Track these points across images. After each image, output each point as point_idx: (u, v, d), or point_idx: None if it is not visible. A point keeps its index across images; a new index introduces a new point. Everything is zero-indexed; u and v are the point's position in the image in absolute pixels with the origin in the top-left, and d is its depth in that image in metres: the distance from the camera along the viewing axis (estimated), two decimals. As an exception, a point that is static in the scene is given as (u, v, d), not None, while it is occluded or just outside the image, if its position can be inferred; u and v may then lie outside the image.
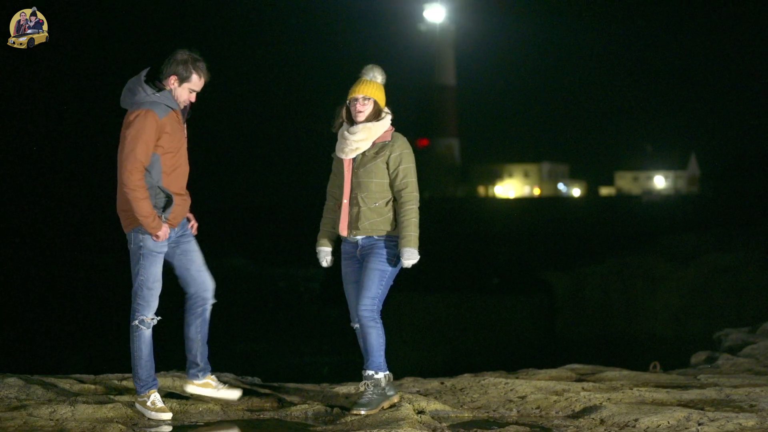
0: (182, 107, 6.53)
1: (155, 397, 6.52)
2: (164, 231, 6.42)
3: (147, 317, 6.51)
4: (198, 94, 6.58)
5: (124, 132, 6.34)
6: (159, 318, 6.60)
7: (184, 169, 6.55)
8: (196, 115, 6.70)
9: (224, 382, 6.99)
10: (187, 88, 6.48)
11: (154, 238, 6.41)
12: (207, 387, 6.76)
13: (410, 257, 6.51)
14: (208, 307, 6.73)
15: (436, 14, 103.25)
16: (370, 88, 6.67)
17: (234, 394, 6.80)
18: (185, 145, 6.59)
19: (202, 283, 6.68)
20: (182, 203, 6.54)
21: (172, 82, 6.44)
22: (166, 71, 6.45)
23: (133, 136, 6.29)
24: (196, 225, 6.78)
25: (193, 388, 6.75)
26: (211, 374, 6.81)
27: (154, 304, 6.54)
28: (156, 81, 6.45)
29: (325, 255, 6.85)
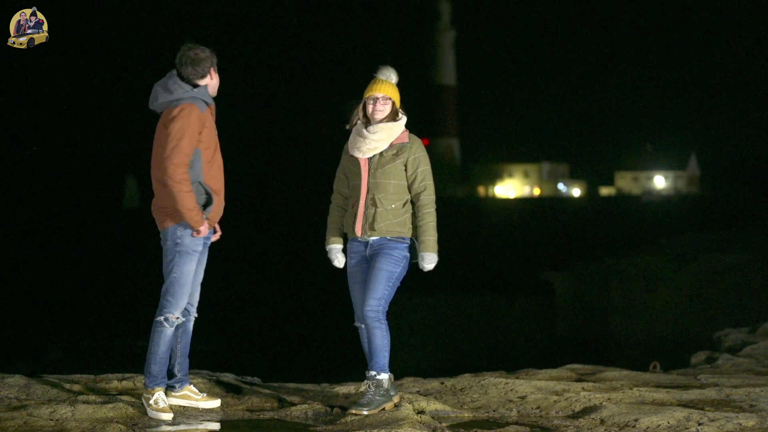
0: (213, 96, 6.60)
1: (159, 396, 6.52)
2: (206, 227, 6.46)
3: (173, 315, 6.52)
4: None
5: (170, 127, 6.33)
6: (183, 319, 6.62)
7: (220, 167, 6.60)
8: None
9: (204, 392, 7.00)
10: (215, 75, 6.56)
11: (195, 234, 6.43)
12: (186, 398, 6.76)
13: (431, 262, 6.62)
14: (191, 319, 6.75)
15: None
16: (390, 89, 6.67)
17: (214, 403, 6.80)
18: (218, 143, 6.67)
19: (192, 295, 6.70)
20: (220, 203, 6.58)
21: (213, 73, 6.52)
22: (201, 69, 6.47)
23: (178, 129, 6.31)
24: (219, 234, 6.78)
25: (172, 399, 6.74)
26: (190, 385, 6.82)
27: (183, 302, 6.55)
28: (188, 80, 6.48)
29: (336, 253, 6.77)
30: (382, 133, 6.61)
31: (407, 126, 6.78)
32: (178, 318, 6.55)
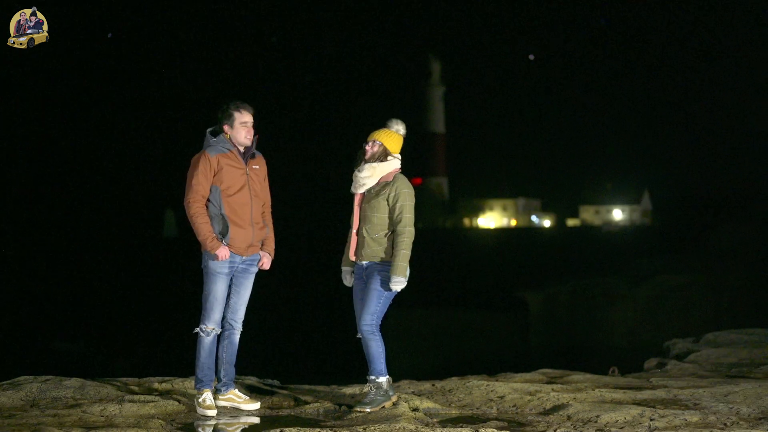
0: (247, 145, 6.56)
1: (206, 396, 6.53)
2: (223, 252, 6.43)
3: (207, 326, 6.53)
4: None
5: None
6: (219, 330, 6.59)
7: (249, 205, 6.53)
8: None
9: (247, 395, 6.93)
10: (238, 126, 6.52)
11: (215, 258, 6.42)
12: (230, 401, 6.73)
13: (397, 284, 6.52)
14: (236, 333, 6.71)
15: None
16: (380, 134, 6.70)
17: (254, 405, 6.76)
18: (251, 184, 6.56)
19: (235, 312, 6.68)
20: (244, 234, 6.51)
21: (227, 129, 6.54)
22: (220, 125, 6.57)
23: (189, 172, 6.45)
24: (266, 264, 6.74)
25: (219, 401, 6.73)
26: (235, 389, 6.78)
27: (215, 316, 6.53)
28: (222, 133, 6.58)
29: (345, 274, 6.84)
30: (367, 171, 6.65)
31: (403, 167, 6.81)
32: (214, 329, 6.55)
